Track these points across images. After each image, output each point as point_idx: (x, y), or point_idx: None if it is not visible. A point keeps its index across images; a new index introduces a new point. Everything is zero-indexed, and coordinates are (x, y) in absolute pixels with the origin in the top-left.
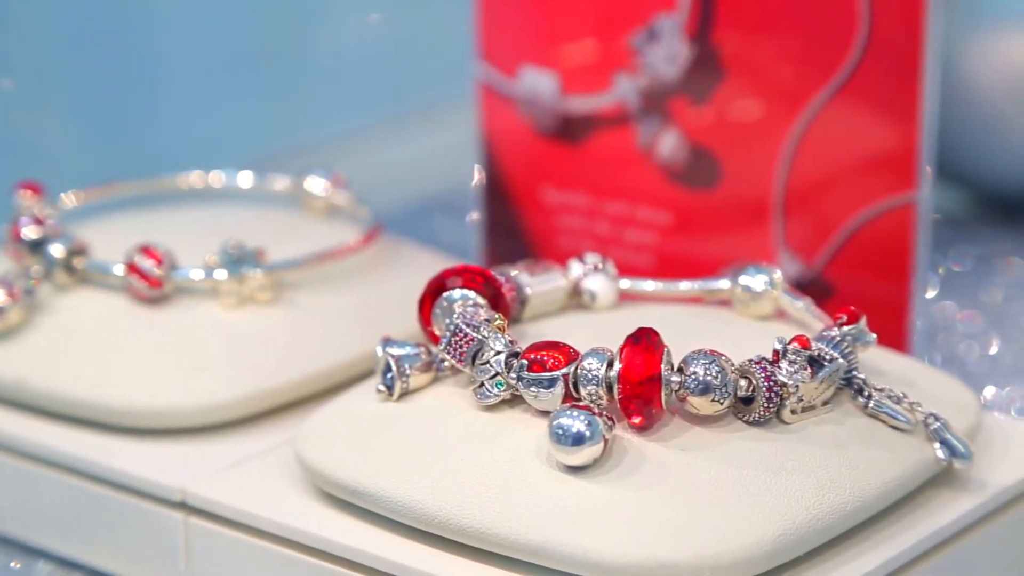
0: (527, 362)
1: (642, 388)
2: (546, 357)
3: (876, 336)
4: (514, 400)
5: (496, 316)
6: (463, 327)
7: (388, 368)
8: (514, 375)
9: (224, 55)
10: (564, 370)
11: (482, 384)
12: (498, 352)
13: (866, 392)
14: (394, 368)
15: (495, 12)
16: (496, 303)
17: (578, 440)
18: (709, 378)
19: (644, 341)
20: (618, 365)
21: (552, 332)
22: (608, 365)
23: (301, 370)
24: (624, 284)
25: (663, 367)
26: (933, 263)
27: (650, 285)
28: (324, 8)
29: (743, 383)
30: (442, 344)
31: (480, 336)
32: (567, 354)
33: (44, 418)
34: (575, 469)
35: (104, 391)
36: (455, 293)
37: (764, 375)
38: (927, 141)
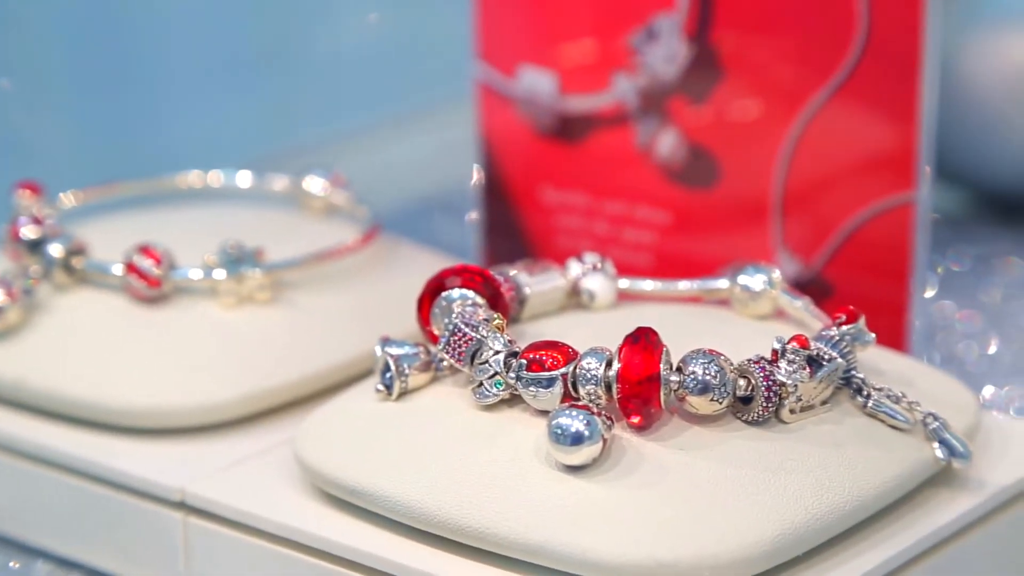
0: (526, 362)
1: (641, 388)
2: (545, 357)
3: (875, 335)
4: (513, 400)
5: (495, 316)
6: (462, 327)
7: (387, 368)
8: (513, 375)
9: (223, 55)
10: (563, 370)
11: (481, 384)
12: (497, 352)
13: (865, 392)
14: (393, 368)
15: (494, 12)
16: (495, 303)
17: (577, 440)
18: (708, 378)
19: (643, 341)
20: (617, 365)
21: (551, 332)
22: (607, 365)
23: (300, 370)
24: (623, 284)
25: (662, 367)
26: (932, 263)
27: (649, 285)
28: (323, 8)
29: (742, 383)
30: (441, 344)
31: (479, 336)
32: (566, 354)
33: (43, 418)
34: (574, 469)
35: (103, 391)
36: (454, 293)
37: (763, 375)
38: (926, 141)
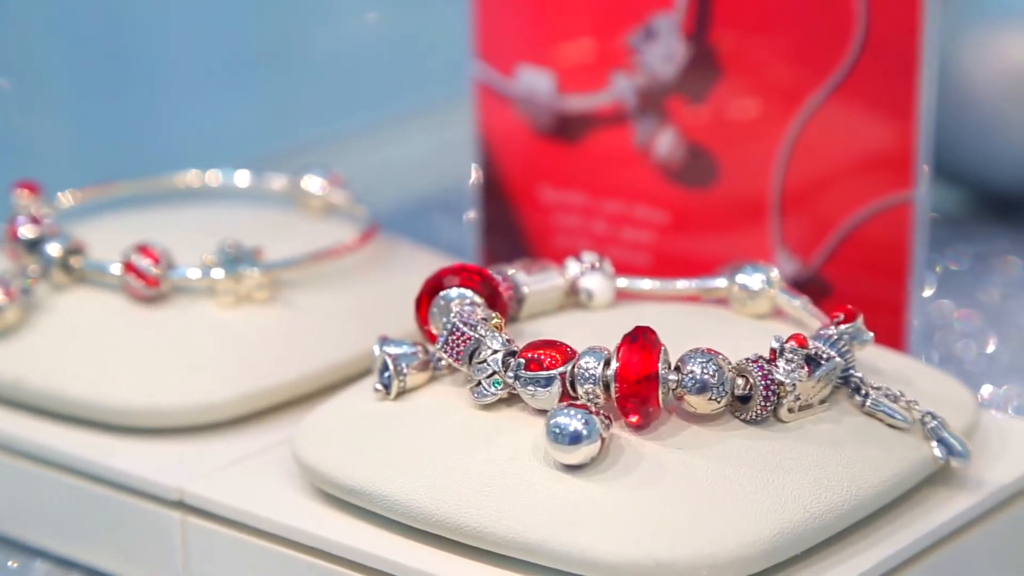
0: (524, 361)
1: (639, 387)
2: (543, 356)
3: (873, 335)
4: (511, 399)
5: (493, 315)
6: (460, 326)
7: (385, 367)
8: (511, 374)
9: (221, 55)
10: (561, 369)
11: (479, 383)
12: (495, 351)
13: (863, 391)
14: (391, 367)
15: (492, 11)
16: (493, 302)
17: (575, 439)
18: (706, 377)
19: (641, 340)
20: (615, 364)
21: (549, 331)
22: (605, 364)
23: (298, 369)
24: (621, 283)
25: (660, 366)
26: (930, 262)
27: (647, 284)
28: (321, 8)
29: (740, 382)
30: (439, 343)
31: (477, 335)
32: (564, 353)
33: (41, 417)
34: (572, 468)
35: (101, 390)
36: (452, 292)
37: (761, 374)
38: (924, 140)
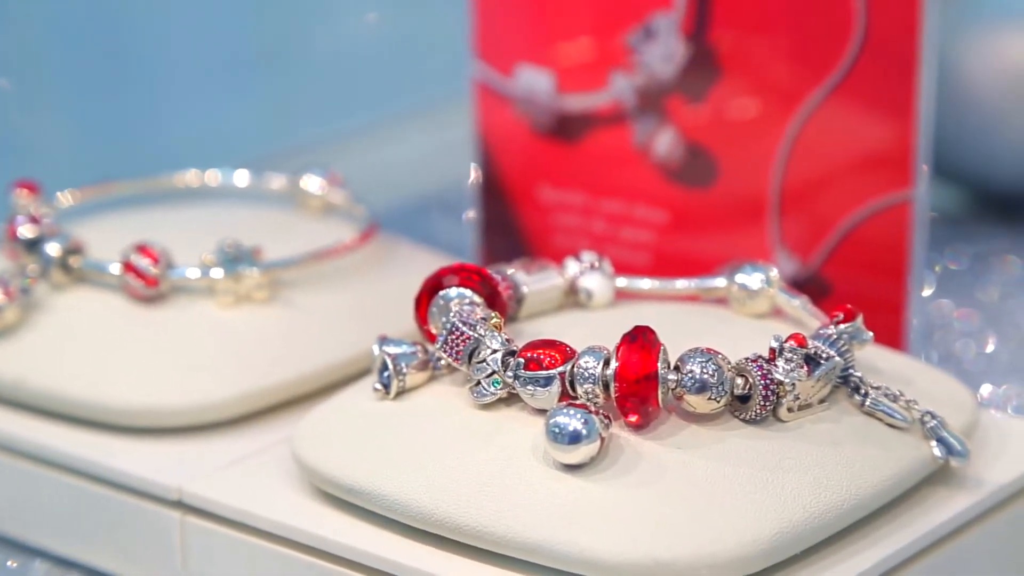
0: (523, 360)
1: (638, 386)
2: (542, 355)
3: (873, 334)
4: (510, 398)
5: (492, 314)
6: (459, 325)
7: (385, 367)
8: (510, 373)
9: (221, 54)
10: (560, 368)
11: (478, 382)
12: (494, 350)
13: (863, 390)
14: (391, 367)
15: (491, 11)
16: (492, 301)
17: (574, 438)
18: (705, 376)
19: (640, 339)
20: (614, 363)
21: (548, 330)
22: (604, 363)
23: (298, 369)
24: (620, 282)
25: (659, 365)
26: (930, 261)
27: (646, 283)
28: (321, 7)
29: (739, 381)
30: (438, 342)
31: (476, 334)
32: (563, 352)
33: (41, 417)
34: (572, 467)
35: (101, 390)
36: (451, 291)
37: (760, 373)
38: (923, 139)
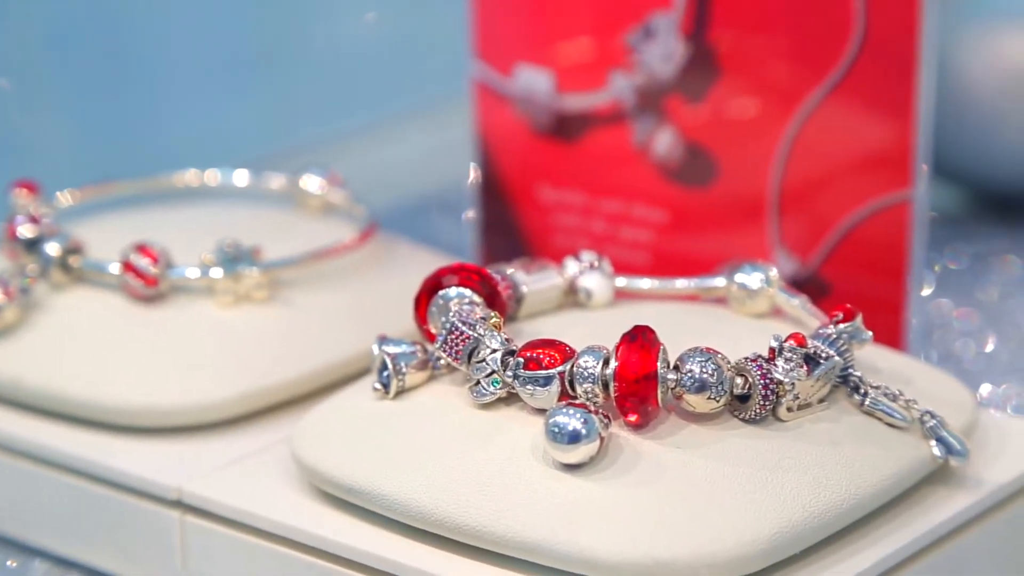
0: (523, 360)
1: (638, 386)
2: (542, 355)
3: (872, 334)
4: (510, 398)
5: (492, 314)
6: (459, 325)
7: (384, 366)
8: (510, 373)
9: (220, 54)
10: (560, 368)
11: (478, 382)
12: (494, 350)
13: (862, 390)
14: (390, 366)
15: (491, 11)
16: (492, 301)
17: (574, 438)
18: (705, 376)
19: (640, 339)
20: (614, 363)
21: (548, 330)
22: (604, 363)
23: (297, 368)
24: (620, 282)
25: (659, 365)
26: (929, 261)
27: (646, 283)
28: (320, 7)
29: (739, 381)
30: (438, 342)
31: (476, 334)
32: (563, 352)
33: (40, 417)
34: (571, 467)
35: (100, 390)
36: (451, 291)
37: (760, 373)
38: (923, 139)
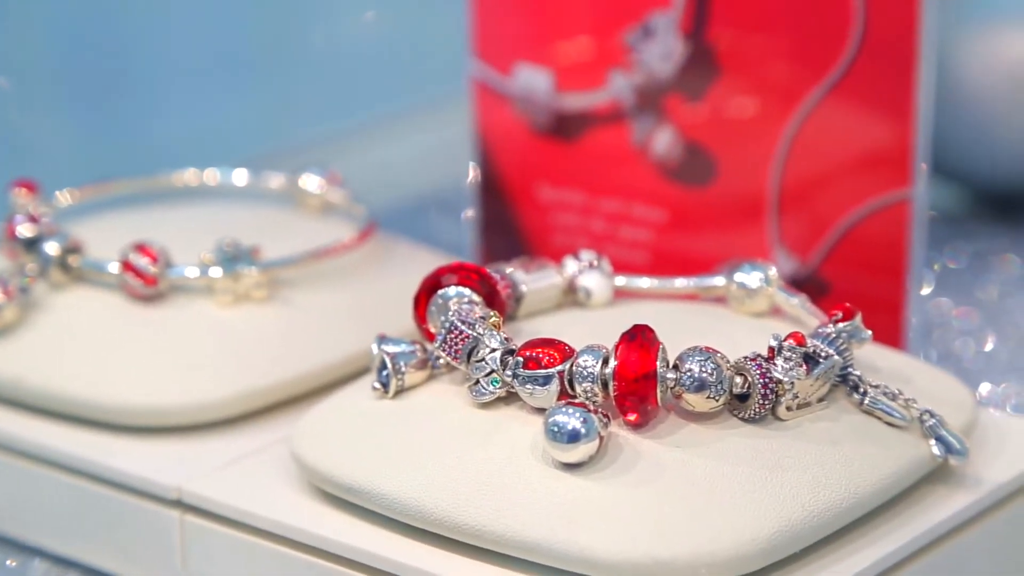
0: (522, 359)
1: (637, 385)
2: (541, 354)
3: (871, 333)
4: (509, 397)
5: (491, 313)
6: (458, 324)
7: (384, 366)
8: (509, 372)
9: (219, 53)
10: (559, 367)
11: (477, 381)
12: (493, 349)
13: (861, 389)
14: (389, 366)
15: (490, 10)
16: (491, 300)
17: (573, 437)
18: (704, 375)
19: (639, 338)
20: (613, 362)
21: (547, 329)
22: (603, 362)
23: (297, 368)
24: (619, 281)
25: (658, 364)
26: (928, 260)
27: (645, 282)
28: (319, 6)
29: (738, 380)
30: (437, 341)
31: (475, 333)
32: (562, 351)
33: (40, 416)
34: (571, 466)
35: (100, 389)
36: (450, 291)
37: (759, 372)
38: (922, 138)
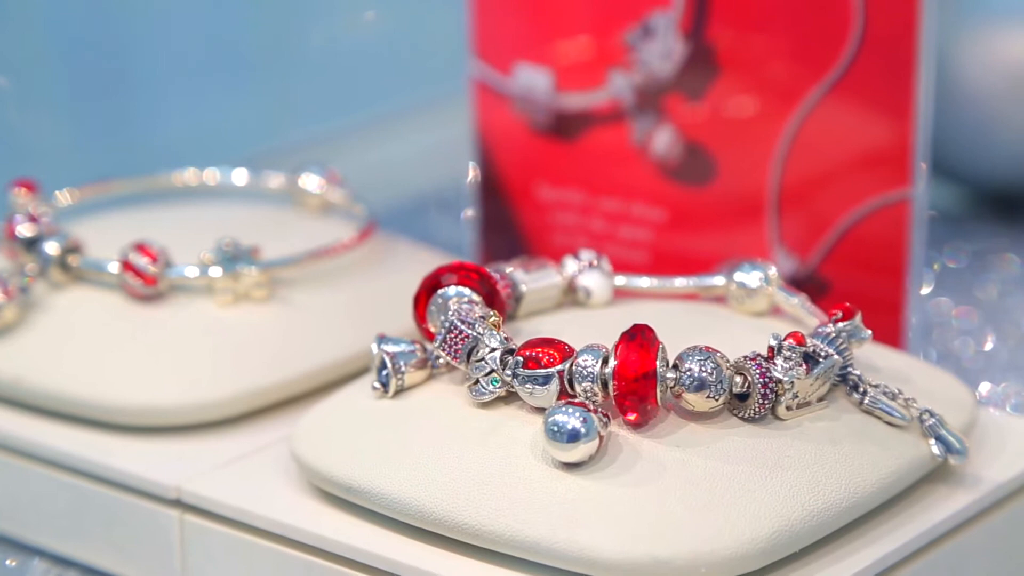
0: (522, 359)
1: (637, 385)
2: (541, 354)
3: (871, 332)
4: (509, 397)
5: (491, 313)
6: (458, 324)
7: (383, 365)
8: (509, 372)
9: (219, 52)
10: (559, 367)
11: (477, 381)
12: (493, 349)
13: (861, 388)
14: (389, 365)
15: (490, 9)
16: (491, 300)
17: (573, 437)
18: (704, 374)
19: (639, 338)
20: (613, 362)
21: (547, 329)
22: (603, 362)
23: (296, 367)
24: (619, 281)
25: (658, 364)
26: (928, 259)
27: (645, 282)
28: (319, 5)
29: (738, 379)
30: (437, 341)
31: (475, 333)
32: (562, 351)
33: (39, 416)
34: (570, 466)
35: (99, 389)
36: (450, 290)
37: (759, 371)
38: (922, 137)
